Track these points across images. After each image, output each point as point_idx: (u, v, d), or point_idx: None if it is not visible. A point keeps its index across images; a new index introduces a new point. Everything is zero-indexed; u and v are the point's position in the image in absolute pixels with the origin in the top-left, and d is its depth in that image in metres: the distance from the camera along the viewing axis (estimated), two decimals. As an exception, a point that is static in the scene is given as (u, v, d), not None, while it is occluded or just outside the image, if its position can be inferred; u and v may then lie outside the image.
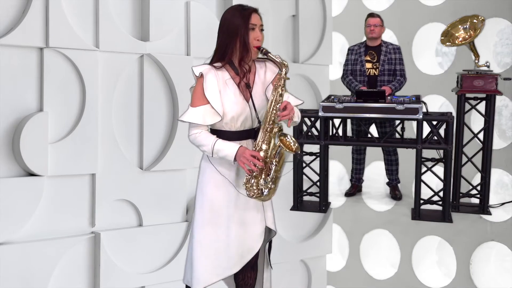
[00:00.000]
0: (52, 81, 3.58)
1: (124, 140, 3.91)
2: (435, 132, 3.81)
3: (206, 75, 2.43)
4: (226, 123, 2.45)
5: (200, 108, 2.42)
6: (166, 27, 4.03)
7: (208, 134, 2.45)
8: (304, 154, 4.27)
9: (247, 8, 2.46)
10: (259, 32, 2.45)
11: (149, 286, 3.98)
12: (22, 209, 3.47)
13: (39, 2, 3.50)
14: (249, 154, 2.37)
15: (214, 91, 2.42)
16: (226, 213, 2.50)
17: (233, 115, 2.44)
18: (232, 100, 2.44)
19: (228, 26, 2.44)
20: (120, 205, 3.89)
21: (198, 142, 2.45)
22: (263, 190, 2.43)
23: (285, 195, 4.42)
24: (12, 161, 3.49)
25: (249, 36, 2.42)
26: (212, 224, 2.51)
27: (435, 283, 4.72)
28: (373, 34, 4.42)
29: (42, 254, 3.53)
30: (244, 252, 2.54)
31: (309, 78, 4.95)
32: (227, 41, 2.43)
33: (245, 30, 2.41)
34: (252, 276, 2.65)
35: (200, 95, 2.43)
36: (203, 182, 2.53)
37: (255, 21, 2.44)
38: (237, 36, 2.41)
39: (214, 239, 2.52)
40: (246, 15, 2.42)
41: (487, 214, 4.06)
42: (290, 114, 2.39)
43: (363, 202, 4.76)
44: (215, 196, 2.50)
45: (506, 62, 4.87)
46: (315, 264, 5.01)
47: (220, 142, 2.41)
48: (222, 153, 2.40)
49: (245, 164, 2.37)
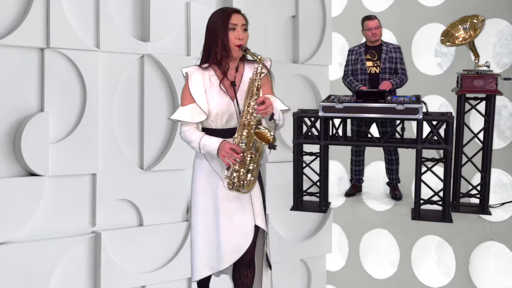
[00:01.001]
0: (53, 81, 3.59)
1: (124, 140, 3.92)
2: (435, 132, 3.81)
3: (192, 75, 2.56)
4: (212, 121, 2.57)
5: (188, 106, 2.55)
6: (167, 28, 4.04)
7: (196, 130, 2.57)
8: (304, 154, 4.27)
9: (228, 9, 2.59)
10: (240, 31, 2.53)
11: (149, 286, 3.99)
12: (23, 209, 3.48)
13: (40, 3, 3.51)
14: (228, 147, 2.46)
15: (199, 90, 2.54)
16: (215, 206, 2.59)
17: (217, 112, 2.54)
18: (217, 99, 2.54)
19: (210, 28, 2.57)
20: (120, 205, 3.90)
21: (187, 138, 2.58)
22: (242, 182, 2.49)
23: (285, 195, 4.44)
24: (13, 161, 3.50)
25: (228, 36, 2.52)
26: (204, 218, 2.61)
27: (434, 283, 4.73)
28: (376, 37, 4.43)
29: (43, 254, 3.54)
30: (234, 247, 2.58)
31: (309, 78, 4.96)
32: (210, 42, 2.56)
33: (224, 30, 2.51)
34: (249, 276, 2.68)
35: (187, 95, 2.56)
36: (195, 179, 2.65)
37: (236, 21, 2.53)
38: (218, 37, 2.53)
39: (205, 232, 2.61)
40: (226, 16, 2.53)
41: (487, 214, 4.06)
42: (268, 109, 2.43)
43: (363, 202, 4.76)
44: (205, 190, 2.61)
45: (505, 63, 4.87)
46: (315, 263, 5.02)
47: (205, 138, 2.52)
48: (207, 148, 2.51)
49: (225, 157, 2.46)
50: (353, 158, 4.74)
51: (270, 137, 2.42)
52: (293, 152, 4.21)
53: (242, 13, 2.59)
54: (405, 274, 4.82)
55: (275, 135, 2.43)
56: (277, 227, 4.69)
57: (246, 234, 2.58)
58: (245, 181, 2.50)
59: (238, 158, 2.45)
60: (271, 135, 2.42)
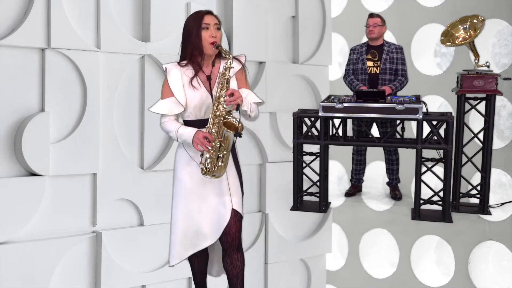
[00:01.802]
0: (53, 81, 3.60)
1: (125, 140, 3.93)
2: (435, 132, 3.81)
3: (170, 71, 2.78)
4: (190, 113, 2.77)
5: (166, 100, 2.77)
6: (167, 28, 4.05)
7: (173, 121, 2.79)
8: (304, 154, 4.27)
9: (201, 11, 2.80)
10: (213, 30, 2.74)
11: (149, 285, 4.00)
12: (24, 209, 3.49)
13: (41, 3, 3.52)
14: (201, 135, 2.66)
15: (177, 85, 2.75)
16: (193, 191, 2.78)
17: (195, 104, 2.74)
18: (194, 92, 2.74)
19: (185, 29, 2.78)
20: (121, 205, 3.91)
21: (166, 129, 2.81)
22: (214, 168, 2.69)
23: (285, 195, 4.44)
24: (13, 161, 3.51)
25: (201, 35, 2.72)
26: (182, 202, 2.79)
27: (433, 282, 4.75)
28: (372, 35, 4.41)
29: (43, 254, 3.55)
30: (213, 227, 2.78)
31: (309, 78, 4.96)
32: (186, 42, 2.77)
33: (197, 30, 2.72)
34: (240, 258, 2.84)
35: (166, 89, 2.78)
36: (176, 167, 2.84)
37: (208, 21, 2.75)
38: (191, 36, 2.74)
39: (185, 216, 2.79)
40: (199, 17, 2.75)
41: (487, 214, 4.06)
42: (237, 100, 2.65)
43: (363, 202, 4.77)
44: (184, 176, 2.80)
45: (504, 63, 4.88)
46: (314, 263, 5.03)
47: (182, 128, 2.74)
48: (183, 137, 2.72)
49: (198, 144, 2.66)
50: (354, 157, 4.74)
51: (238, 125, 2.64)
52: (293, 152, 4.22)
53: (214, 14, 2.81)
54: (405, 273, 4.83)
55: (242, 124, 2.65)
56: (277, 227, 4.70)
57: (225, 214, 2.77)
58: (216, 167, 2.69)
59: (209, 145, 2.65)
60: (239, 124, 2.64)
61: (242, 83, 2.86)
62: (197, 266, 2.98)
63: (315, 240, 4.97)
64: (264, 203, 4.65)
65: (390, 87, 4.28)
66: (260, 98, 2.91)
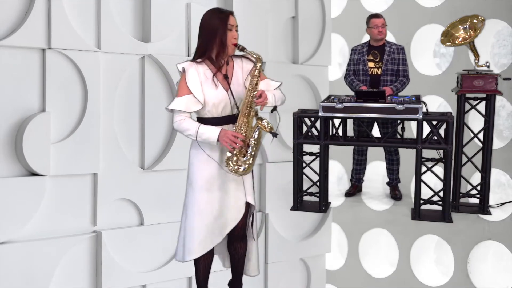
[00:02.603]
0: (54, 81, 3.60)
1: (125, 140, 3.94)
2: (435, 132, 3.81)
3: (188, 70, 2.81)
4: (208, 111, 2.82)
5: (183, 97, 2.79)
6: (167, 29, 4.06)
7: (191, 120, 2.82)
8: (304, 154, 4.28)
9: (225, 11, 2.86)
10: (235, 32, 2.83)
11: (150, 285, 4.01)
12: (25, 208, 3.50)
13: (41, 4, 3.52)
14: (231, 134, 2.75)
15: (195, 83, 2.79)
16: (214, 187, 2.85)
17: (214, 102, 2.80)
18: (213, 90, 2.80)
19: (207, 27, 2.82)
20: (121, 205, 3.92)
21: (182, 127, 2.81)
22: (242, 165, 2.80)
23: (285, 195, 4.45)
24: (14, 160, 3.52)
25: (227, 35, 2.79)
26: (204, 199, 2.85)
27: (433, 282, 4.76)
28: (382, 35, 4.38)
29: (44, 253, 3.56)
30: (223, 225, 2.89)
31: (309, 79, 4.97)
32: (208, 40, 2.81)
33: (223, 30, 2.78)
34: (243, 247, 3.04)
35: (184, 87, 2.80)
36: (193, 164, 2.89)
37: (232, 22, 2.82)
38: (216, 35, 2.78)
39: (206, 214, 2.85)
40: (224, 17, 2.81)
41: (487, 214, 4.06)
42: (264, 101, 2.81)
43: (363, 202, 4.78)
44: (204, 175, 2.85)
45: (503, 63, 4.89)
46: (314, 262, 5.04)
47: (203, 126, 2.78)
48: (205, 135, 2.76)
49: (228, 143, 2.74)
50: (355, 156, 4.73)
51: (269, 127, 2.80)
52: (293, 152, 4.22)
53: (234, 14, 2.88)
54: (404, 273, 4.84)
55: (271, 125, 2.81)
56: (277, 226, 4.71)
57: (237, 210, 2.90)
58: (246, 164, 2.81)
59: (241, 144, 2.76)
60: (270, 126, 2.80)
61: (263, 75, 2.94)
62: (203, 264, 3.00)
63: (315, 240, 4.98)
64: (264, 203, 4.65)
65: (391, 88, 4.28)
66: (277, 80, 3.01)
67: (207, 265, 3.04)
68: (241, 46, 2.82)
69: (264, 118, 2.83)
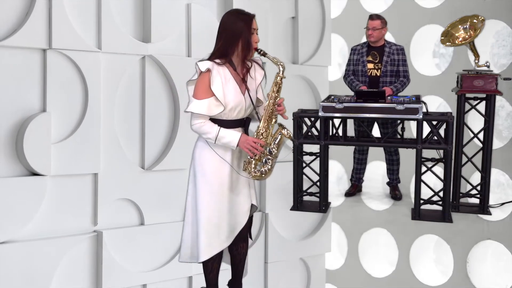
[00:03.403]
0: (55, 82, 3.61)
1: (126, 140, 3.94)
2: (435, 132, 3.81)
3: (212, 71, 2.72)
4: (224, 113, 2.77)
5: (205, 100, 2.72)
6: (168, 29, 4.06)
7: (211, 123, 2.76)
8: (304, 154, 4.29)
9: (248, 13, 2.81)
10: (256, 36, 2.81)
11: (150, 284, 4.02)
12: (25, 208, 3.50)
13: (42, 4, 3.53)
14: (252, 140, 2.75)
15: (219, 85, 2.73)
16: (222, 190, 2.83)
17: (232, 105, 2.76)
18: (233, 93, 2.75)
19: (231, 28, 2.75)
20: (122, 204, 3.93)
21: (203, 130, 2.75)
22: (262, 171, 2.82)
23: (285, 195, 4.46)
24: (15, 160, 3.52)
25: (251, 38, 2.76)
26: (215, 200, 2.82)
27: (432, 281, 4.77)
28: (371, 38, 4.37)
29: (45, 253, 3.56)
30: (234, 226, 2.88)
31: (308, 79, 4.98)
32: (231, 41, 2.75)
33: (248, 33, 2.75)
34: (245, 247, 3.03)
35: (206, 88, 2.72)
36: (205, 165, 2.82)
37: (255, 25, 2.81)
38: (239, 38, 2.74)
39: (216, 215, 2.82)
40: (248, 20, 2.77)
41: (487, 214, 4.06)
42: (284, 109, 2.84)
43: (362, 202, 4.79)
44: (215, 175, 2.82)
45: (502, 63, 4.91)
46: (314, 262, 5.05)
47: (223, 130, 2.74)
48: (225, 139, 2.74)
49: (249, 149, 2.74)
50: (356, 155, 4.73)
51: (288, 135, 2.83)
52: (293, 152, 4.23)
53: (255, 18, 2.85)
54: (404, 272, 4.86)
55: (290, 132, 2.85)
56: (277, 226, 4.72)
57: (245, 212, 2.90)
58: (265, 169, 2.82)
59: (261, 150, 2.77)
60: (290, 134, 2.85)
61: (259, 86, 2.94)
62: (211, 264, 2.96)
63: (315, 240, 4.99)
64: (264, 203, 4.66)
65: (391, 88, 4.27)
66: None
67: (216, 266, 2.99)
68: (263, 51, 2.81)
69: (285, 126, 2.84)
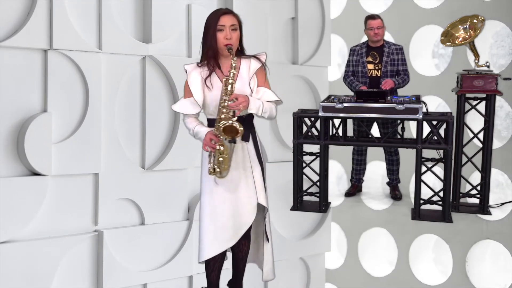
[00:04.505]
0: (56, 82, 3.62)
1: (126, 140, 3.95)
2: (435, 132, 3.81)
3: (190, 72, 2.82)
4: (213, 111, 2.78)
5: (187, 100, 2.82)
6: (168, 29, 4.07)
7: (193, 120, 2.86)
8: (304, 154, 4.29)
9: (219, 10, 2.81)
10: (228, 32, 2.73)
11: (151, 284, 4.02)
12: (26, 208, 3.51)
13: (43, 5, 3.54)
14: (208, 137, 2.72)
15: (196, 86, 2.78)
16: (218, 189, 2.81)
17: (215, 104, 2.75)
18: (213, 93, 2.76)
19: (204, 28, 2.80)
20: (122, 204, 3.94)
21: (186, 126, 2.89)
22: (216, 168, 2.72)
23: (285, 195, 4.47)
24: (16, 160, 3.53)
25: (216, 37, 2.73)
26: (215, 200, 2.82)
27: (431, 281, 4.78)
28: (378, 37, 4.38)
29: (45, 252, 3.57)
30: (239, 226, 2.83)
31: (308, 79, 4.99)
32: (204, 42, 2.80)
33: (213, 31, 2.73)
34: (246, 244, 2.97)
35: (186, 89, 2.84)
36: (204, 164, 2.86)
37: (224, 22, 2.73)
38: (207, 37, 2.77)
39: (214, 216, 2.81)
40: (216, 18, 2.75)
41: (487, 214, 4.06)
42: (239, 106, 2.66)
43: (362, 202, 4.80)
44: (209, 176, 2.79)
45: (501, 64, 4.91)
46: (314, 262, 5.06)
47: (198, 127, 2.81)
48: (198, 135, 2.80)
49: (205, 145, 2.74)
50: (354, 157, 4.74)
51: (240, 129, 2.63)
52: (293, 152, 4.23)
53: (233, 13, 2.79)
54: (403, 272, 4.87)
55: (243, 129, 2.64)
56: (277, 226, 4.72)
57: (249, 212, 2.83)
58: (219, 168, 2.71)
59: (213, 146, 2.70)
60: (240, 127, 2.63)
61: (261, 81, 2.85)
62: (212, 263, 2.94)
63: (315, 239, 4.99)
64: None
65: (393, 80, 4.27)
66: (278, 96, 2.88)
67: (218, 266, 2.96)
68: (228, 47, 2.70)
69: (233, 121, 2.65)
